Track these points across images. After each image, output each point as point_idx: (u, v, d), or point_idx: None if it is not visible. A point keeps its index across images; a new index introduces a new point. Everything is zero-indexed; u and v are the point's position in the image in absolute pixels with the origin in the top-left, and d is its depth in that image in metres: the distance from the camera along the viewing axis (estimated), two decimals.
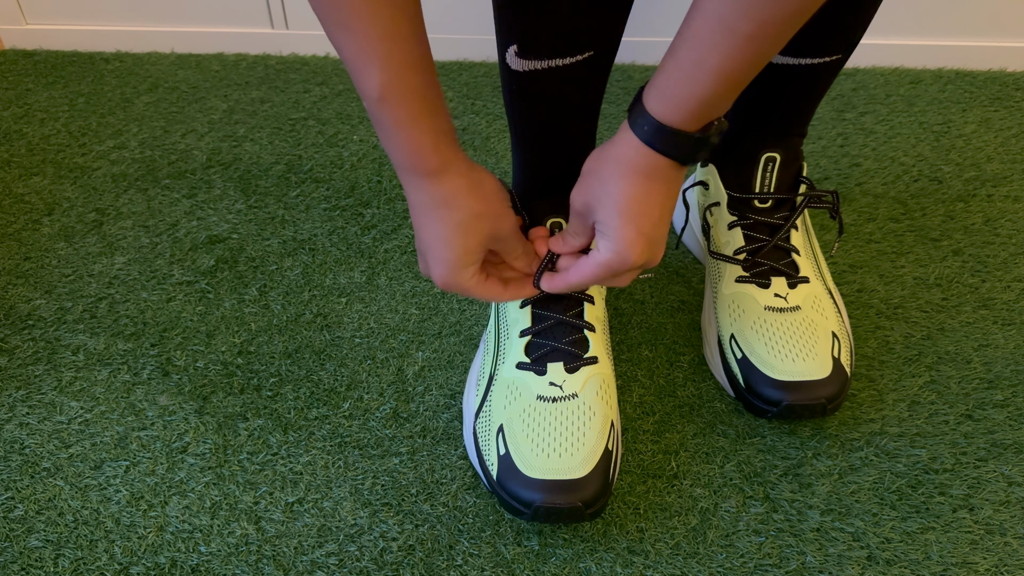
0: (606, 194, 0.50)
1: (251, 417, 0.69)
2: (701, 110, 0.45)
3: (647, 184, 0.49)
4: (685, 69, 0.44)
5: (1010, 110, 1.04)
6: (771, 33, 0.41)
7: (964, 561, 0.59)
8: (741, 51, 0.42)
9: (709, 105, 0.45)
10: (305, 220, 0.89)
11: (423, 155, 0.49)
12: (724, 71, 0.43)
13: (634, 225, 0.50)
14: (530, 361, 0.63)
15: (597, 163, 0.51)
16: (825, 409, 0.64)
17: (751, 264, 0.70)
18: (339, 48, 0.46)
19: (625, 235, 0.50)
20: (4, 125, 1.04)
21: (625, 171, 0.49)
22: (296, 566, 0.59)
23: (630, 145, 0.48)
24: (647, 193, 0.49)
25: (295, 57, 1.18)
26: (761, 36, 0.41)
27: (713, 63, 0.43)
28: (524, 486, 0.57)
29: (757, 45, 0.42)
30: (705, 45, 0.42)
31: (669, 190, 0.50)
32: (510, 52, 0.56)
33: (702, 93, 0.44)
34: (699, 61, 0.43)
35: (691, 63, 0.43)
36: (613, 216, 0.50)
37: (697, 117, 0.46)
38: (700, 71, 0.43)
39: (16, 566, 0.59)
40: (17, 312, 0.79)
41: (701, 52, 0.43)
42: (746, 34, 0.41)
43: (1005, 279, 0.80)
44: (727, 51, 0.42)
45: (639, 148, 0.48)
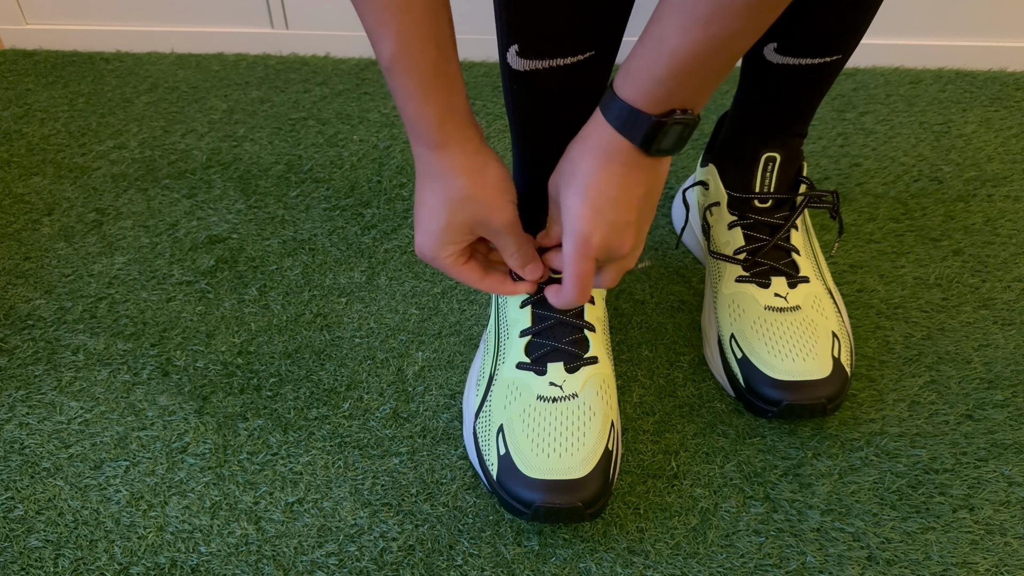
0: (569, 173, 0.51)
1: (251, 417, 0.69)
2: (658, 92, 0.45)
3: (607, 164, 0.49)
4: (646, 47, 0.45)
5: (1010, 110, 1.04)
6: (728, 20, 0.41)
7: (964, 561, 0.59)
8: (698, 34, 0.42)
9: (667, 88, 0.45)
10: (305, 220, 0.89)
11: (427, 128, 0.50)
12: (680, 53, 0.43)
13: (589, 203, 0.49)
14: (530, 361, 0.63)
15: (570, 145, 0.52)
16: (825, 409, 0.64)
17: (751, 264, 0.70)
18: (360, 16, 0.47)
19: (580, 212, 0.50)
20: (4, 125, 1.04)
21: (587, 149, 0.49)
22: (296, 566, 0.59)
23: (595, 123, 0.49)
24: (607, 172, 0.49)
25: (295, 57, 1.18)
26: (717, 20, 0.41)
27: (671, 44, 0.43)
28: (524, 486, 0.57)
29: (714, 30, 0.42)
30: (665, 25, 0.43)
31: (631, 175, 0.49)
32: (511, 52, 0.56)
33: (659, 74, 0.44)
34: (659, 40, 0.44)
35: (652, 42, 0.44)
36: (571, 194, 0.50)
37: (655, 99, 0.46)
38: (659, 51, 0.44)
39: (16, 566, 0.59)
40: (17, 312, 0.79)
41: (662, 32, 0.43)
42: (703, 17, 0.41)
43: (1005, 279, 0.80)
44: (684, 33, 0.42)
45: (602, 126, 0.48)
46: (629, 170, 0.49)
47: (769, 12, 0.42)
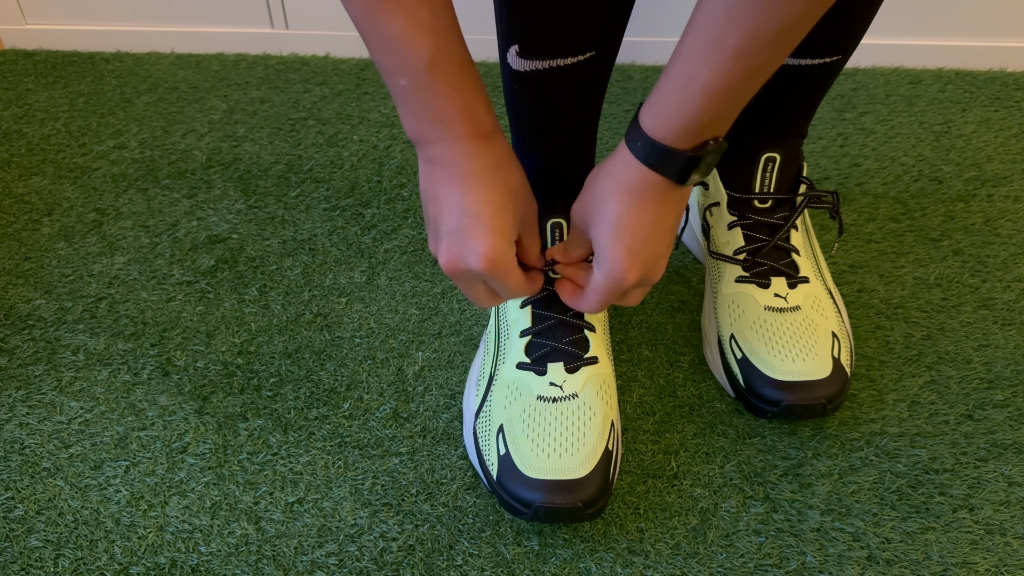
0: (598, 210, 0.50)
1: (251, 417, 0.69)
2: (692, 128, 0.45)
3: (639, 202, 0.48)
4: (676, 85, 0.44)
5: (1010, 110, 1.04)
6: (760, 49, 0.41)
7: (964, 561, 0.59)
8: (730, 67, 0.41)
9: (700, 123, 0.44)
10: (305, 220, 0.89)
11: (479, 117, 0.48)
12: (714, 88, 0.42)
13: (623, 243, 0.49)
14: (530, 361, 0.63)
15: (594, 178, 0.51)
16: (825, 409, 0.64)
17: (751, 264, 0.70)
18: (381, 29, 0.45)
19: (614, 253, 0.49)
20: (4, 125, 1.04)
21: (617, 187, 0.49)
22: (296, 566, 0.59)
23: (624, 161, 0.48)
24: (638, 211, 0.49)
25: (295, 57, 1.18)
26: (750, 52, 0.41)
27: (703, 79, 0.42)
28: (524, 486, 0.57)
29: (747, 61, 0.41)
30: (695, 61, 0.42)
31: (663, 208, 0.49)
32: (511, 52, 0.56)
33: (692, 110, 0.44)
34: (690, 77, 0.43)
35: (682, 79, 0.43)
36: (604, 234, 0.49)
37: (689, 135, 0.45)
38: (691, 88, 0.43)
39: (16, 566, 0.59)
40: (17, 312, 0.79)
41: (692, 68, 0.42)
42: (735, 49, 0.41)
43: (1005, 279, 0.80)
44: (716, 67, 0.41)
45: (632, 164, 0.47)
46: (660, 204, 0.49)
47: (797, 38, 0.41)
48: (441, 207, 0.50)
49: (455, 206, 0.49)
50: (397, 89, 0.47)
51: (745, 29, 0.40)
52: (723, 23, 0.40)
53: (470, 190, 0.49)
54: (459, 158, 0.49)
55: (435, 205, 0.50)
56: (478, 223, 0.49)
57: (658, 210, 0.49)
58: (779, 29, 0.40)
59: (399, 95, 0.48)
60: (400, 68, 0.46)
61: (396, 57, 0.46)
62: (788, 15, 0.39)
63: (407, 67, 0.46)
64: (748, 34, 0.40)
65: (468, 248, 0.49)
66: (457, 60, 0.47)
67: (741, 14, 0.39)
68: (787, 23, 0.39)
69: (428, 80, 0.46)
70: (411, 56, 0.45)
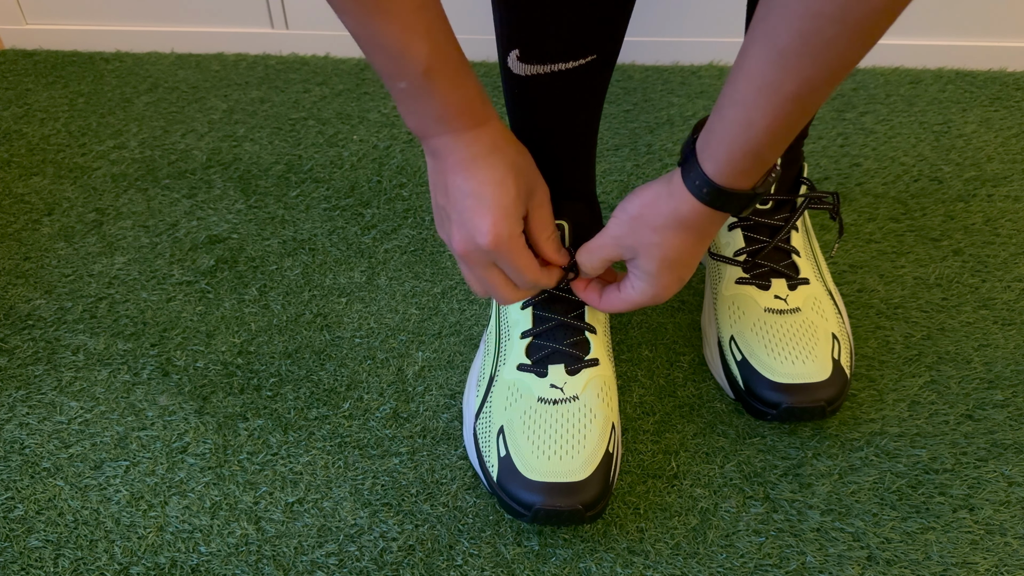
0: (654, 244, 0.52)
1: (251, 417, 0.69)
2: (755, 168, 0.47)
3: (696, 239, 0.51)
4: (735, 132, 0.45)
5: (1010, 110, 1.04)
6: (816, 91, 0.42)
7: (964, 561, 0.59)
8: (788, 109, 0.43)
9: (762, 161, 0.46)
10: (305, 220, 0.89)
11: (474, 107, 0.50)
12: (773, 130, 0.44)
13: (676, 275, 0.53)
14: (531, 363, 0.63)
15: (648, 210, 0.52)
16: (825, 411, 0.64)
17: (751, 265, 0.70)
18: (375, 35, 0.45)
19: (666, 283, 0.54)
20: (4, 125, 1.04)
21: (677, 227, 0.51)
22: (296, 566, 0.59)
23: (685, 202, 0.49)
24: (694, 246, 0.52)
25: (295, 57, 1.18)
26: (807, 93, 0.42)
27: (763, 124, 0.43)
28: (524, 488, 0.57)
29: (803, 102, 0.42)
30: (752, 107, 0.43)
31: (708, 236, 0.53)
32: (512, 57, 0.56)
33: (754, 153, 0.45)
34: (748, 123, 0.44)
35: (740, 126, 0.44)
36: (657, 264, 0.53)
37: (751, 174, 0.47)
38: (750, 132, 0.44)
39: (16, 566, 0.59)
40: (17, 312, 0.79)
41: (749, 114, 0.43)
42: (791, 94, 0.42)
43: (1005, 279, 0.80)
44: (774, 111, 0.43)
45: (694, 206, 0.49)
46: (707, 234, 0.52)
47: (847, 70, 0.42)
48: (447, 195, 0.52)
49: (458, 191, 0.51)
50: (396, 91, 0.49)
51: (800, 75, 0.41)
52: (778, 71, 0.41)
53: (471, 174, 0.51)
54: (459, 146, 0.51)
55: (442, 194, 0.53)
56: (480, 202, 0.51)
57: (703, 237, 0.52)
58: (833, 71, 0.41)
59: (398, 96, 0.49)
60: (398, 73, 0.47)
61: (393, 64, 0.47)
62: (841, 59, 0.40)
63: (405, 73, 0.47)
64: (803, 79, 0.41)
65: (473, 226, 0.51)
66: (452, 62, 0.48)
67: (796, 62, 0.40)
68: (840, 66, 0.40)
69: (426, 84, 0.48)
70: (408, 63, 0.46)
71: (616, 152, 0.99)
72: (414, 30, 0.45)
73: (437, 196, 0.54)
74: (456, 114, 0.50)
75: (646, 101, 1.08)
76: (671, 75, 1.13)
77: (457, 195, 0.51)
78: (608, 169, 0.96)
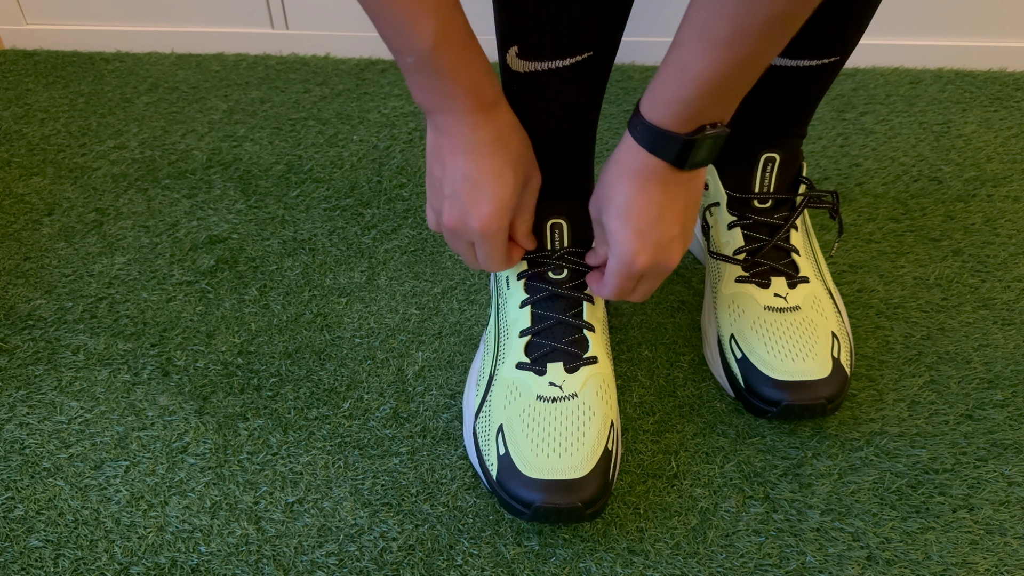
0: (606, 197, 0.52)
1: (251, 417, 0.69)
2: (687, 113, 0.46)
3: (644, 185, 0.50)
4: (671, 73, 0.46)
5: (1010, 110, 1.04)
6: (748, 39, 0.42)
7: (964, 561, 0.59)
8: (721, 56, 0.43)
9: (695, 109, 0.46)
10: (305, 220, 0.89)
11: (483, 89, 0.50)
12: (706, 76, 0.44)
13: (631, 226, 0.51)
14: (530, 361, 0.63)
15: (604, 169, 0.53)
16: (825, 409, 0.64)
17: (751, 264, 0.70)
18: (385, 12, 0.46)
19: (623, 236, 0.51)
20: (4, 125, 1.04)
21: (623, 173, 0.51)
22: (296, 566, 0.59)
23: (627, 146, 0.50)
24: (644, 194, 0.50)
25: (295, 57, 1.18)
26: (738, 41, 0.42)
27: (695, 67, 0.44)
28: (524, 486, 0.57)
29: (736, 51, 0.43)
30: (687, 49, 0.44)
31: (670, 191, 0.51)
32: (511, 53, 0.56)
33: (686, 96, 0.45)
34: (683, 65, 0.45)
35: (676, 67, 0.45)
36: (613, 219, 0.52)
37: (684, 120, 0.47)
38: (683, 75, 0.45)
39: (16, 566, 0.59)
40: (17, 312, 0.79)
41: (684, 56, 0.44)
42: (724, 39, 0.42)
43: (1005, 279, 0.80)
44: (707, 55, 0.43)
45: (634, 149, 0.49)
46: (667, 187, 0.50)
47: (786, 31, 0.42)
48: (445, 171, 0.53)
49: (458, 172, 0.52)
50: (404, 64, 0.49)
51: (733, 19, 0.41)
52: (713, 13, 0.42)
53: (472, 159, 0.52)
54: (464, 128, 0.51)
55: (440, 168, 0.54)
56: (478, 190, 0.52)
57: (665, 192, 0.51)
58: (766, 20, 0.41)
59: (406, 69, 0.50)
60: (405, 48, 0.48)
61: (401, 38, 0.47)
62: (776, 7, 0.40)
63: (412, 48, 0.47)
64: (736, 24, 0.41)
65: (467, 210, 0.53)
66: (460, 39, 0.48)
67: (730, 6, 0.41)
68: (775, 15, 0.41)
69: (433, 60, 0.48)
70: (416, 38, 0.47)
71: None
72: (422, 4, 0.46)
73: (434, 167, 0.54)
74: (463, 93, 0.50)
75: None
76: None
77: (456, 175, 0.52)
78: None
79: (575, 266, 0.65)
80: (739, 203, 0.72)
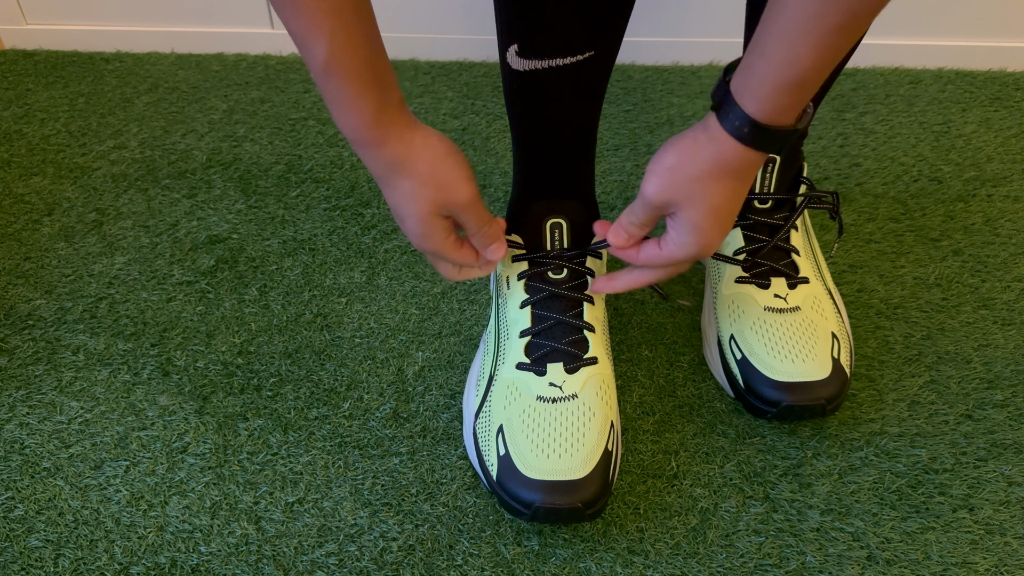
0: (697, 193, 0.51)
1: (251, 417, 0.69)
2: (797, 104, 0.47)
3: (738, 184, 0.51)
4: (778, 66, 0.45)
5: (1010, 110, 1.04)
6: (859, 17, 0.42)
7: (964, 561, 0.59)
8: (833, 42, 0.43)
9: (804, 99, 0.46)
10: (305, 220, 0.89)
11: (365, 126, 0.50)
12: (817, 64, 0.44)
13: (720, 225, 0.52)
14: (530, 361, 0.63)
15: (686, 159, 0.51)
16: (824, 410, 0.64)
17: (751, 264, 0.70)
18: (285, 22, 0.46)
19: (711, 234, 0.52)
20: (4, 125, 1.04)
21: (720, 172, 0.50)
22: (296, 566, 0.59)
23: (725, 144, 0.49)
24: (737, 192, 0.51)
25: (295, 57, 1.18)
26: (851, 24, 0.42)
27: (807, 58, 0.43)
28: (524, 487, 0.57)
29: (847, 34, 0.43)
30: (796, 41, 0.43)
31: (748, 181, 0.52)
32: (511, 52, 0.56)
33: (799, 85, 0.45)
34: (792, 58, 0.44)
35: (783, 60, 0.44)
36: (702, 215, 0.51)
37: (793, 110, 0.47)
38: (794, 67, 0.44)
39: (16, 566, 0.59)
40: (17, 312, 0.79)
41: (793, 48, 0.43)
42: (836, 25, 0.42)
43: (1005, 279, 0.80)
44: (819, 44, 0.43)
45: (735, 147, 0.48)
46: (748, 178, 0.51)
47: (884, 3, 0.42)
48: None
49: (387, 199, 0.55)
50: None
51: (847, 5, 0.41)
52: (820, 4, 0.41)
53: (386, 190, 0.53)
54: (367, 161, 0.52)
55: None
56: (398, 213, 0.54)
57: (744, 183, 0.51)
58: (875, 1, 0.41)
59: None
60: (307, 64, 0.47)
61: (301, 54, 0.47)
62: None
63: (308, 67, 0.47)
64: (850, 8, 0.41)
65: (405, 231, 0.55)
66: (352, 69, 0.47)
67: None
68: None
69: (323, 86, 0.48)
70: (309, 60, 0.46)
71: (616, 152, 0.99)
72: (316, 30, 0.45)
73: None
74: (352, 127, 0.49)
75: (646, 101, 1.08)
76: (671, 75, 1.13)
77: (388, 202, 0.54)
78: (608, 169, 0.96)
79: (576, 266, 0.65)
80: None
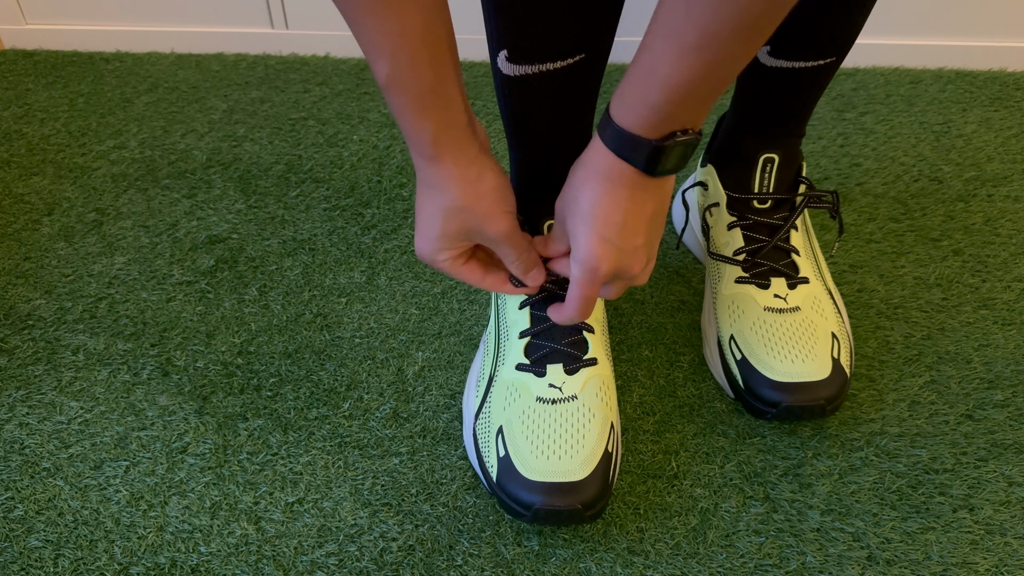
0: (573, 200, 0.50)
1: (251, 417, 0.69)
2: (656, 118, 0.45)
3: (611, 189, 0.49)
4: (640, 77, 0.44)
5: (1010, 110, 1.04)
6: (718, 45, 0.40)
7: (964, 561, 0.59)
8: (689, 61, 0.41)
9: (664, 114, 0.44)
10: (305, 220, 0.89)
11: (421, 142, 0.50)
12: (675, 81, 0.42)
13: (596, 231, 0.49)
14: (530, 362, 0.63)
15: (572, 170, 0.51)
16: (824, 410, 0.64)
17: (751, 265, 0.70)
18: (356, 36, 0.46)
19: (588, 242, 0.50)
20: (4, 125, 1.04)
21: (591, 176, 0.49)
22: (296, 566, 0.59)
23: (596, 149, 0.48)
24: (612, 198, 0.49)
25: (295, 57, 1.18)
26: (708, 47, 0.41)
27: (663, 72, 0.42)
28: (524, 488, 0.57)
29: (705, 56, 0.41)
30: (656, 54, 0.42)
31: (637, 198, 0.49)
32: (501, 57, 0.56)
33: (655, 101, 0.44)
34: (651, 69, 0.43)
35: (644, 71, 0.44)
36: (578, 223, 0.50)
37: (654, 125, 0.45)
38: (652, 80, 0.43)
39: (16, 566, 0.59)
40: (17, 312, 0.79)
41: (652, 61, 0.43)
42: (693, 44, 0.41)
43: (1005, 279, 0.80)
44: (675, 60, 0.42)
45: (603, 152, 0.48)
46: (634, 192, 0.49)
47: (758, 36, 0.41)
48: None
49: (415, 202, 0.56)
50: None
51: (702, 24, 0.40)
52: (681, 18, 0.40)
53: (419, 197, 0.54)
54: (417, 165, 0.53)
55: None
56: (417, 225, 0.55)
57: (632, 198, 0.49)
58: (737, 26, 0.40)
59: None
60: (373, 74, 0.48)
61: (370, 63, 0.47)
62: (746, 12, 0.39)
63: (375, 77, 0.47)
64: (705, 29, 0.40)
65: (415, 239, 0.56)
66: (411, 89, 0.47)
67: (698, 9, 0.39)
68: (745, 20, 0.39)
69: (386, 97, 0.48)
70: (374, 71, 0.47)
71: None
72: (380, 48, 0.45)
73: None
74: (408, 137, 0.50)
75: None
76: None
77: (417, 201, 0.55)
78: None
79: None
80: (739, 203, 0.72)
